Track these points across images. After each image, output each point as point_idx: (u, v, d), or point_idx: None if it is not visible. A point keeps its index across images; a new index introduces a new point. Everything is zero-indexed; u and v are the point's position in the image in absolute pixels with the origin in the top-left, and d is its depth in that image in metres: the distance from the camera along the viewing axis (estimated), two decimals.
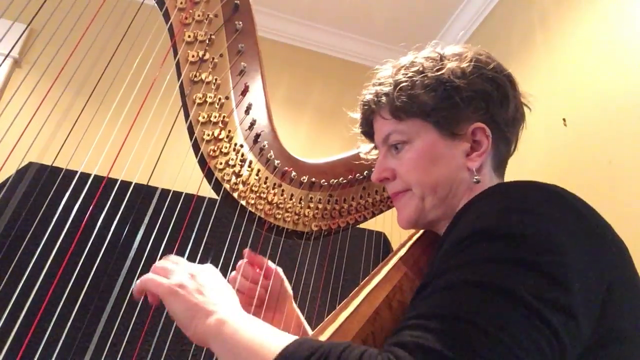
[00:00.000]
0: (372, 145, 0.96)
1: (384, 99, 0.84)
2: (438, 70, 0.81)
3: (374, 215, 1.07)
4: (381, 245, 1.81)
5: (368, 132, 0.94)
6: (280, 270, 1.04)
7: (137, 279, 0.96)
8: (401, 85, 0.82)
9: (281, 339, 0.60)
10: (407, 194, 0.84)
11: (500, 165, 0.86)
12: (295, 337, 0.61)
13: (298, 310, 1.08)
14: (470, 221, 0.65)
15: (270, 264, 1.03)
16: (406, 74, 0.83)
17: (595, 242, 0.63)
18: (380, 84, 0.86)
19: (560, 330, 0.54)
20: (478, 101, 0.80)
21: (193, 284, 0.70)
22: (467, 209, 0.70)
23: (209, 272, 0.74)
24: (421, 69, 0.82)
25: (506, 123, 0.83)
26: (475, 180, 0.79)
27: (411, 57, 0.86)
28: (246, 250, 1.01)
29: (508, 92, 0.83)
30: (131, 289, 0.74)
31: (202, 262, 0.99)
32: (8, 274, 0.91)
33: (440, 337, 0.52)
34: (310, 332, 1.05)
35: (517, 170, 0.93)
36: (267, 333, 0.63)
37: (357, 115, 0.94)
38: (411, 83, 0.81)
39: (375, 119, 0.89)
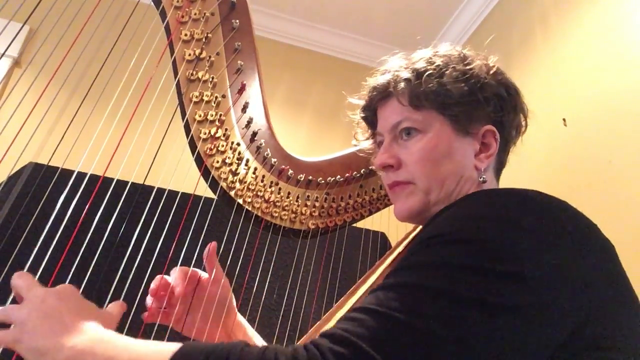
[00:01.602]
0: (369, 133, 0.95)
1: (402, 84, 0.82)
2: (467, 64, 0.81)
3: (371, 213, 1.07)
4: (380, 245, 1.80)
5: (369, 118, 0.92)
6: (225, 278, 0.99)
7: (133, 279, 0.96)
8: (428, 72, 0.81)
9: (163, 349, 0.56)
10: (409, 186, 0.82)
11: (500, 169, 0.87)
12: (178, 344, 0.57)
13: (244, 321, 1.03)
14: (440, 222, 0.66)
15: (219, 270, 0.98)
16: (431, 63, 0.82)
17: (573, 249, 0.61)
18: (397, 70, 0.84)
19: (498, 332, 0.53)
20: (495, 104, 0.81)
21: (37, 312, 0.61)
22: (442, 212, 0.69)
23: (57, 295, 0.65)
24: (448, 60, 0.82)
25: (512, 130, 0.85)
26: (482, 179, 0.80)
27: (429, 51, 0.86)
28: (213, 245, 0.96)
29: (517, 102, 0.85)
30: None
31: (199, 261, 0.99)
32: (4, 273, 0.90)
33: (364, 329, 0.53)
34: (263, 343, 1.02)
35: (517, 170, 0.93)
36: (141, 348, 0.58)
37: (359, 101, 0.92)
38: (439, 72, 0.81)
39: (385, 105, 0.87)
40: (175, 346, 0.56)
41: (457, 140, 0.80)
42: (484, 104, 0.80)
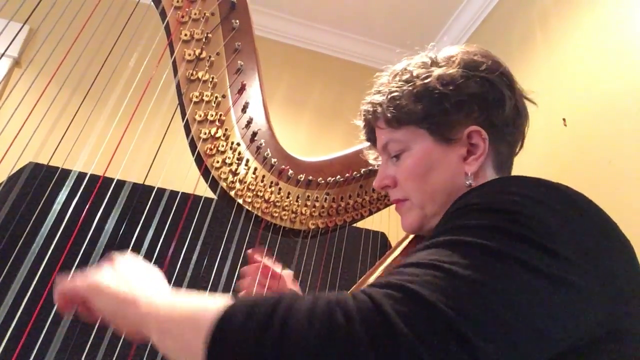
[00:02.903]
0: (376, 152, 0.96)
1: (378, 108, 0.84)
2: (425, 78, 0.80)
3: (371, 213, 1.07)
4: (380, 245, 1.80)
5: (372, 139, 0.93)
6: (288, 273, 1.04)
7: None
8: (391, 95, 0.82)
9: (216, 303, 0.55)
10: (406, 203, 0.84)
11: (502, 166, 0.84)
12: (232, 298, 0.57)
13: None
14: (461, 203, 0.65)
15: (277, 268, 1.03)
16: (397, 84, 0.83)
17: (599, 239, 0.61)
18: (377, 93, 0.86)
19: (553, 293, 0.52)
20: (470, 105, 0.79)
21: (113, 275, 0.67)
22: (458, 200, 0.69)
23: (127, 261, 0.71)
24: (410, 77, 0.82)
25: (505, 123, 0.81)
26: (467, 184, 0.78)
27: (405, 63, 0.86)
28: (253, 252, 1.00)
29: (503, 92, 0.80)
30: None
31: (199, 261, 0.99)
32: (4, 273, 0.90)
33: (421, 282, 0.49)
34: None
35: (517, 170, 0.93)
36: (200, 302, 0.58)
37: (360, 123, 0.93)
38: (400, 92, 0.81)
39: (375, 128, 0.89)
40: (224, 301, 0.55)
41: (438, 151, 0.80)
42: (455, 109, 0.79)
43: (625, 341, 0.60)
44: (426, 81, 0.80)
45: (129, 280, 0.66)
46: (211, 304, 0.55)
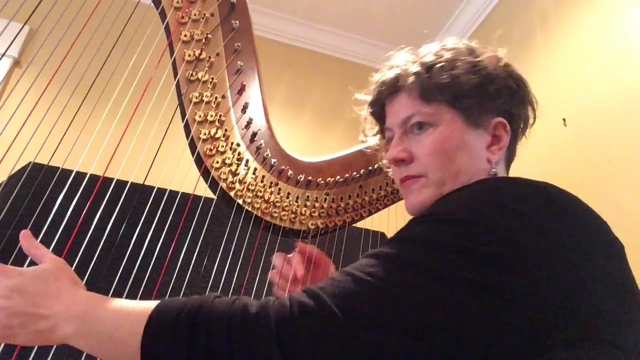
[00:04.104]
0: (377, 128, 0.94)
1: (412, 78, 0.82)
2: (477, 56, 0.82)
3: (370, 213, 1.07)
4: (379, 245, 1.80)
5: (377, 114, 0.91)
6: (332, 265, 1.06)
7: (133, 279, 0.96)
8: (438, 64, 0.80)
9: (145, 305, 0.61)
10: (421, 180, 0.81)
11: (510, 161, 0.87)
12: (153, 303, 0.61)
13: None
14: (434, 205, 0.69)
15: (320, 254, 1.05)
16: (440, 56, 0.82)
17: (575, 241, 0.61)
18: (405, 64, 0.84)
19: (467, 307, 0.55)
20: (504, 97, 0.81)
21: (15, 305, 0.65)
22: (445, 196, 0.72)
23: (32, 278, 0.68)
24: (457, 53, 0.82)
25: (523, 122, 0.85)
26: (493, 172, 0.79)
27: (436, 45, 0.86)
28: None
29: (526, 94, 0.85)
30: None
31: (199, 261, 0.99)
32: None
33: (334, 288, 0.58)
34: None
35: (517, 170, 0.93)
36: (130, 305, 0.63)
37: (365, 97, 0.92)
38: (449, 64, 0.80)
39: (394, 100, 0.86)
40: (152, 304, 0.60)
41: (468, 133, 0.80)
42: (494, 96, 0.80)
43: (591, 343, 0.58)
44: (478, 59, 0.81)
45: (39, 300, 0.65)
46: (143, 307, 0.61)
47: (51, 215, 0.90)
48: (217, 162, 0.97)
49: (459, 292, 0.55)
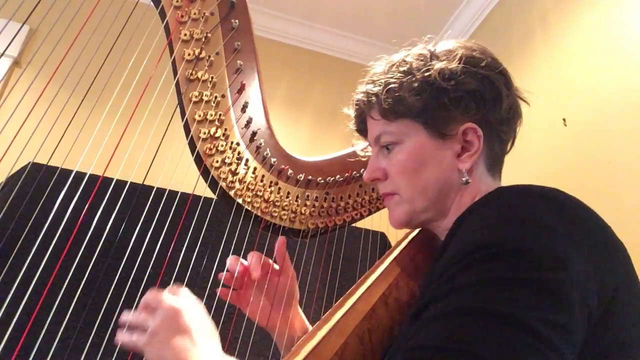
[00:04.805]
0: (367, 143, 0.95)
1: (373, 99, 0.83)
2: (426, 71, 0.79)
3: (370, 213, 1.07)
4: (380, 245, 1.80)
5: (362, 129, 0.93)
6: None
7: (132, 279, 0.96)
8: (389, 86, 0.80)
9: None
10: (395, 197, 0.83)
11: (494, 165, 0.84)
12: None
13: (302, 313, 1.07)
14: (470, 232, 0.64)
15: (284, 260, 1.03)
16: (395, 75, 0.81)
17: (597, 250, 0.61)
18: (371, 83, 0.84)
19: (565, 353, 0.53)
20: (468, 101, 0.78)
21: (167, 330, 0.70)
22: (466, 217, 0.68)
23: (187, 307, 0.73)
24: (409, 68, 0.81)
25: (500, 122, 0.80)
26: (463, 181, 0.78)
27: (402, 55, 0.85)
28: (282, 239, 1.01)
29: (501, 90, 0.80)
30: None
31: (198, 261, 0.99)
32: (4, 273, 0.90)
33: None
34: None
35: (517, 170, 0.92)
36: None
37: (352, 113, 0.93)
38: (399, 84, 0.80)
39: (367, 119, 0.88)
40: None
41: (432, 146, 0.80)
42: (453, 106, 0.78)
43: (619, 354, 0.59)
44: (426, 74, 0.79)
45: (184, 337, 0.69)
46: None
47: (51, 215, 0.90)
48: (217, 162, 0.96)
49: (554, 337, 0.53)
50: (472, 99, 0.78)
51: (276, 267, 1.02)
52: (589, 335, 0.57)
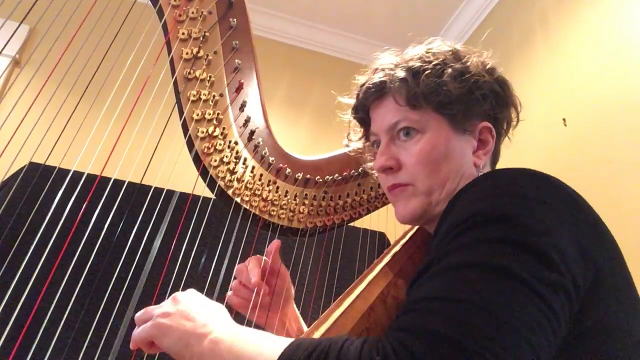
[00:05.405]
0: (361, 133, 0.94)
1: (399, 84, 0.81)
2: (464, 62, 0.81)
3: (369, 212, 1.07)
4: (379, 245, 1.80)
5: (362, 118, 0.91)
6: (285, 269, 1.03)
7: (130, 278, 0.96)
8: (426, 71, 0.80)
9: (278, 344, 0.59)
10: (409, 189, 0.81)
11: (495, 162, 0.89)
12: (291, 340, 0.59)
13: (298, 313, 1.07)
14: (465, 205, 0.64)
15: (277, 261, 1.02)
16: (428, 62, 0.81)
17: (588, 229, 0.62)
18: (392, 69, 0.83)
19: (558, 310, 0.54)
20: (491, 100, 0.81)
21: (176, 311, 0.68)
22: (461, 195, 0.68)
23: (190, 295, 0.72)
24: (444, 58, 0.81)
25: (507, 124, 0.86)
26: (478, 176, 0.78)
27: (422, 48, 0.85)
28: (277, 242, 0.99)
29: (510, 96, 0.85)
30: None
31: (197, 260, 0.99)
32: (2, 272, 0.90)
33: (444, 319, 0.51)
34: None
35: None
36: (262, 341, 0.62)
37: (350, 100, 0.92)
38: (436, 71, 0.80)
39: (379, 105, 0.85)
40: (284, 344, 0.58)
41: (455, 139, 0.80)
42: (480, 101, 0.80)
43: (601, 336, 0.60)
44: (464, 65, 0.81)
45: (192, 315, 0.67)
46: (272, 346, 0.59)
47: (49, 215, 0.90)
48: (215, 161, 0.96)
49: (551, 296, 0.54)
50: (494, 99, 0.82)
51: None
52: (577, 312, 0.57)
